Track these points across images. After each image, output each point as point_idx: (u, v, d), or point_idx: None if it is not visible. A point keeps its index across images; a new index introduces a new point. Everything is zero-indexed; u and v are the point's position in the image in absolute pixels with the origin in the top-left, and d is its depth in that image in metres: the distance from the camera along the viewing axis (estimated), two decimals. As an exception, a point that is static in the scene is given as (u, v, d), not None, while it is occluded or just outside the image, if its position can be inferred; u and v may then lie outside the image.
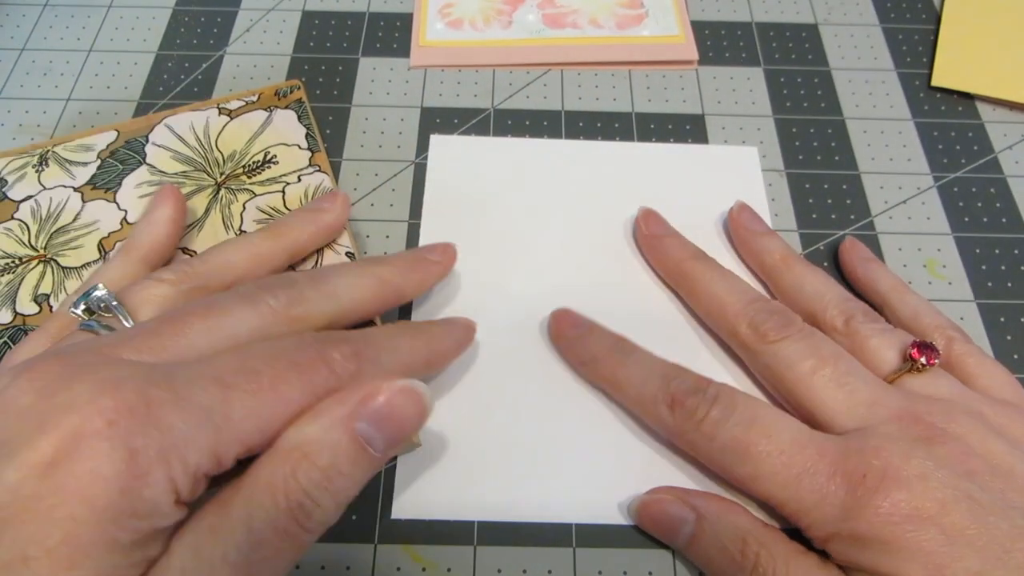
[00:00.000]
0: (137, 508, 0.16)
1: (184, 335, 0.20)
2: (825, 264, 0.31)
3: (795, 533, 0.23)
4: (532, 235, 0.31)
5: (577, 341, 0.27)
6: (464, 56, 0.36)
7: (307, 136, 0.32)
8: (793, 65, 0.37)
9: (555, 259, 0.31)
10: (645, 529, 0.25)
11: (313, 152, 0.32)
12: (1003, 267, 0.31)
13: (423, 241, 0.31)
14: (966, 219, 0.32)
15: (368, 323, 0.26)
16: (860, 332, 0.25)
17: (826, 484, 0.21)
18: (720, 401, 0.23)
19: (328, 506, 0.19)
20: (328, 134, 0.34)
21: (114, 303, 0.22)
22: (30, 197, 0.30)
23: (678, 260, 0.29)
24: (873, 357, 0.25)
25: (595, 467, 0.26)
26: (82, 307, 0.22)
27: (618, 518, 0.25)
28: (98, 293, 0.22)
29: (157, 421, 0.17)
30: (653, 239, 0.30)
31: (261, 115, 0.33)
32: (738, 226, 0.30)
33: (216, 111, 0.33)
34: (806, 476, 0.22)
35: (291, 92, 0.34)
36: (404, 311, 0.29)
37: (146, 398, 0.17)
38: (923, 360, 0.24)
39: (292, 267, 0.28)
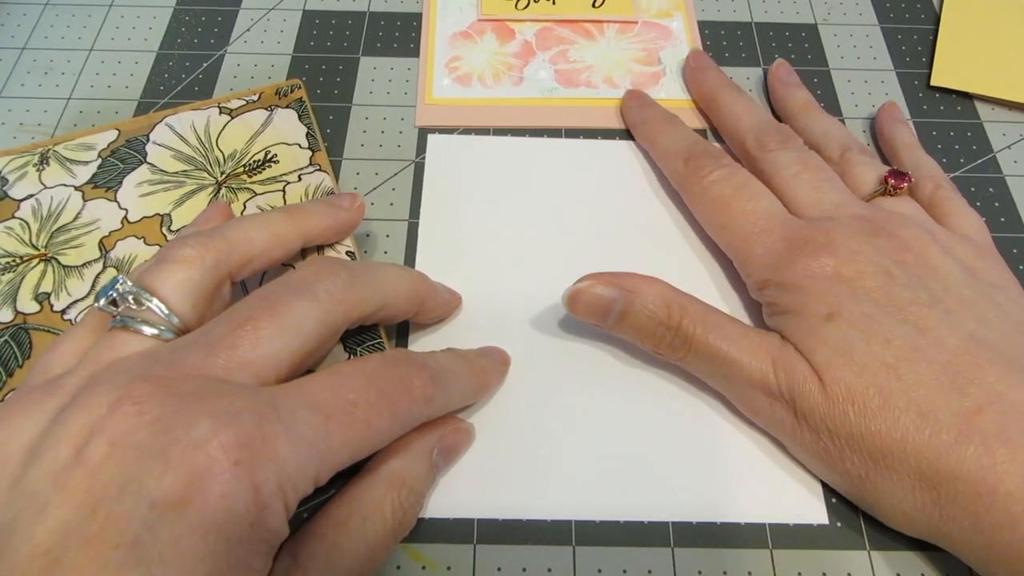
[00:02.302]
0: (264, 536, 0.17)
1: (260, 344, 0.20)
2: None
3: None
4: (531, 234, 0.31)
5: (636, 108, 0.33)
6: (473, 116, 0.35)
7: (307, 135, 0.33)
8: (793, 65, 0.37)
9: (555, 258, 0.31)
10: (579, 317, 0.26)
11: (313, 151, 0.32)
12: (1002, 267, 0.31)
13: (422, 241, 0.31)
14: (965, 219, 0.32)
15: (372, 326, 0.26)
16: (851, 160, 0.29)
17: (775, 243, 0.26)
18: (726, 168, 0.28)
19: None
20: (328, 133, 0.34)
21: (145, 295, 0.21)
22: (31, 196, 0.30)
23: (713, 87, 0.33)
24: (857, 180, 0.29)
25: (595, 464, 0.26)
26: (103, 301, 0.21)
27: (618, 515, 0.25)
28: (123, 285, 0.21)
29: (273, 455, 0.17)
30: (698, 71, 0.34)
31: (262, 114, 0.33)
32: (774, 78, 0.35)
33: (217, 110, 0.33)
34: (763, 235, 0.26)
35: (292, 91, 0.34)
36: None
37: (262, 432, 0.17)
38: (893, 182, 0.28)
39: (287, 264, 0.28)
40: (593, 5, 0.38)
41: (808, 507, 0.25)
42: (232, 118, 0.33)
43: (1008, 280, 0.26)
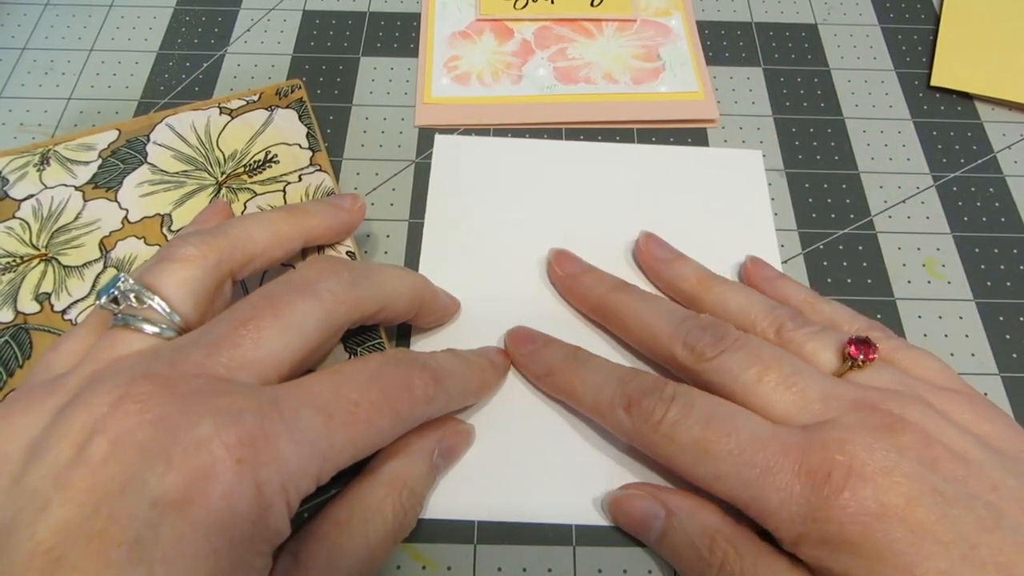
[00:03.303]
0: (266, 535, 0.17)
1: (262, 343, 0.20)
2: (825, 263, 0.31)
3: (769, 535, 0.22)
4: (535, 236, 0.31)
5: (531, 356, 0.27)
6: (472, 115, 0.35)
7: (308, 135, 0.33)
8: (793, 65, 0.37)
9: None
10: (618, 525, 0.25)
11: (314, 151, 0.32)
12: (1002, 266, 0.31)
13: (427, 241, 0.31)
14: (965, 219, 0.32)
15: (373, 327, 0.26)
16: (794, 339, 0.25)
17: (791, 482, 0.21)
18: (677, 401, 0.23)
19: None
20: (329, 133, 0.34)
21: (146, 293, 0.21)
22: (31, 196, 0.30)
23: (599, 295, 0.28)
24: (811, 361, 0.24)
25: (595, 467, 0.26)
26: (105, 299, 0.21)
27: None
28: (125, 284, 0.21)
29: (275, 454, 0.17)
30: (569, 279, 0.29)
31: (262, 114, 0.33)
32: (647, 257, 0.30)
33: (217, 110, 0.33)
34: (769, 474, 0.21)
35: (292, 91, 0.34)
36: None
37: (264, 432, 0.17)
38: (861, 356, 0.23)
39: (286, 264, 0.28)
40: (591, 4, 0.38)
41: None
42: (232, 118, 0.33)
43: (1020, 437, 0.23)
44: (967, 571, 0.19)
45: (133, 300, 0.21)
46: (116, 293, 0.21)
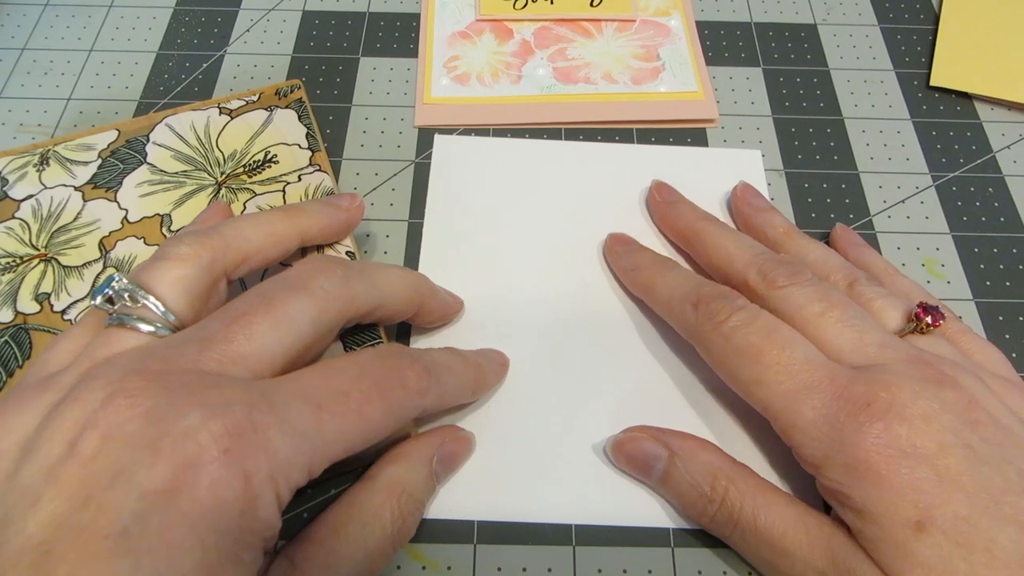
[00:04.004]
0: (254, 527, 0.17)
1: (254, 338, 0.20)
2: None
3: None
4: (535, 236, 0.31)
5: (625, 253, 0.29)
6: (471, 115, 0.35)
7: (307, 136, 0.33)
8: (792, 65, 0.37)
9: (558, 260, 0.31)
10: (620, 467, 0.25)
11: (313, 152, 0.32)
12: (1001, 266, 0.31)
13: (426, 241, 0.31)
14: (964, 218, 0.32)
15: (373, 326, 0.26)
16: (864, 294, 0.25)
17: (829, 403, 0.21)
18: (745, 310, 0.24)
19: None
20: (328, 134, 0.34)
21: (141, 292, 0.21)
22: (31, 196, 0.30)
23: (690, 220, 0.29)
24: (877, 317, 0.25)
25: (595, 467, 0.26)
26: (100, 299, 0.21)
27: (618, 519, 0.25)
28: (119, 283, 0.21)
29: (264, 445, 0.17)
30: (667, 205, 0.31)
31: (262, 115, 0.33)
32: (742, 204, 0.31)
33: (217, 111, 0.33)
34: (810, 392, 0.22)
35: (291, 92, 0.34)
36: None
37: (252, 422, 0.17)
38: (928, 320, 0.24)
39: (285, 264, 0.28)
40: (591, 4, 0.38)
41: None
42: (232, 118, 0.33)
43: None
44: (985, 521, 0.19)
45: (127, 299, 0.21)
46: (111, 293, 0.21)
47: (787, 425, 0.22)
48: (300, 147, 0.32)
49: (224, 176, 0.31)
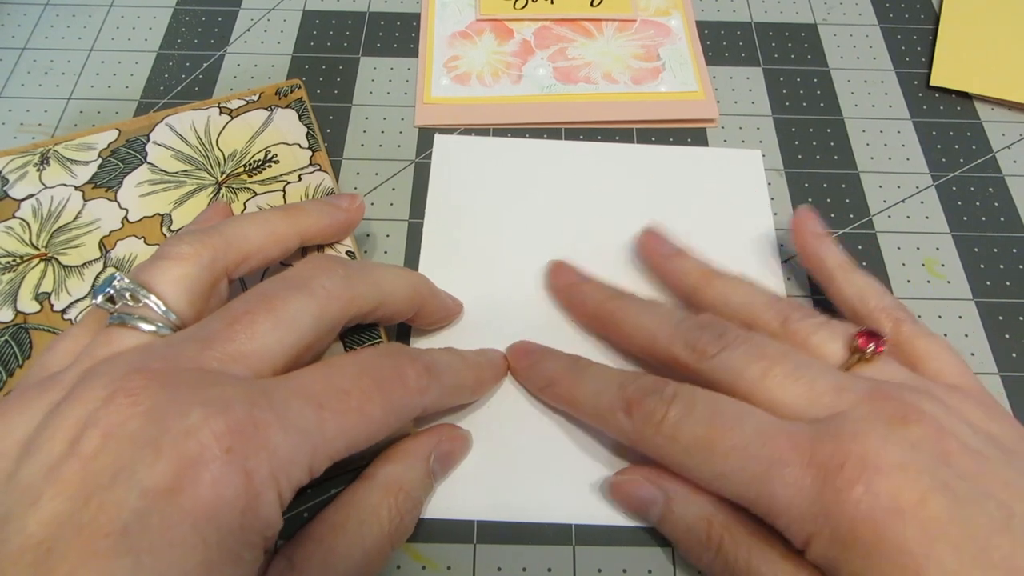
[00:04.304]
0: (255, 525, 0.17)
1: (255, 337, 0.20)
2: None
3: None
4: (535, 235, 0.31)
5: (532, 369, 0.27)
6: (472, 115, 0.35)
7: (308, 135, 0.33)
8: (792, 65, 0.37)
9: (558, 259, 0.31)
10: (619, 508, 0.25)
11: (314, 151, 0.32)
12: (1001, 266, 0.31)
13: (426, 241, 0.31)
14: (964, 218, 0.32)
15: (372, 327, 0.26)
16: (799, 331, 0.24)
17: (800, 476, 0.20)
18: (679, 399, 0.22)
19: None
20: (328, 133, 0.34)
21: (142, 291, 0.21)
22: (31, 196, 0.30)
23: (598, 302, 0.27)
24: (817, 352, 0.24)
25: (595, 467, 0.26)
26: (100, 298, 0.21)
27: (618, 519, 0.25)
28: (120, 282, 0.21)
29: (265, 443, 0.17)
30: (569, 288, 0.29)
31: (262, 114, 0.33)
32: (649, 252, 0.29)
33: (217, 110, 0.33)
34: (776, 468, 0.20)
35: (292, 91, 0.34)
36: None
37: (253, 420, 0.17)
38: (871, 347, 0.23)
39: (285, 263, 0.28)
40: (591, 4, 0.38)
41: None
42: (232, 118, 0.33)
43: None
44: (976, 574, 0.19)
45: (128, 298, 0.21)
46: (112, 292, 0.21)
47: (765, 511, 0.21)
48: (300, 147, 0.32)
49: (224, 176, 0.31)
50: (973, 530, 0.19)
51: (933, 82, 0.36)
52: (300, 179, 0.31)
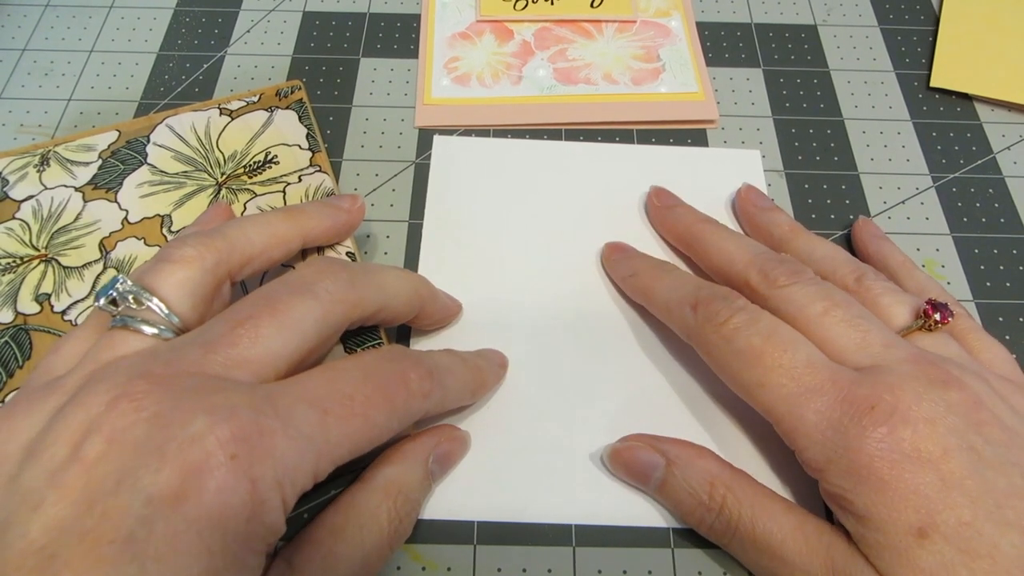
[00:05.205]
0: (260, 532, 0.17)
1: (260, 341, 0.20)
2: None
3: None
4: (535, 236, 0.31)
5: (621, 260, 0.29)
6: (472, 116, 0.35)
7: (308, 136, 0.33)
8: (792, 66, 0.37)
9: (558, 260, 0.31)
10: (618, 476, 0.25)
11: (314, 152, 0.32)
12: (1001, 267, 0.31)
13: (426, 242, 0.31)
14: (964, 219, 0.32)
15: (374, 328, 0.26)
16: (872, 289, 0.25)
17: (832, 406, 0.21)
18: (746, 311, 0.24)
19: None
20: (328, 134, 0.34)
21: (145, 294, 0.21)
22: (31, 197, 0.30)
23: (689, 223, 0.29)
24: (884, 313, 0.24)
25: (595, 467, 0.26)
26: (103, 300, 0.21)
27: (618, 519, 0.25)
28: (123, 285, 0.21)
29: (270, 450, 0.17)
30: (666, 210, 0.31)
31: (262, 115, 0.33)
32: (746, 204, 0.31)
33: (217, 111, 0.33)
34: (812, 395, 0.21)
35: (292, 92, 0.34)
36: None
37: (259, 427, 0.17)
38: (937, 317, 0.23)
39: (286, 265, 0.28)
40: (591, 5, 0.38)
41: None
42: (232, 119, 0.33)
43: None
44: (988, 527, 0.19)
45: (131, 301, 0.21)
46: (114, 294, 0.21)
47: (790, 429, 0.22)
48: (300, 148, 0.32)
49: (224, 177, 0.31)
50: (992, 490, 0.20)
51: (933, 83, 0.36)
52: (300, 180, 0.31)
